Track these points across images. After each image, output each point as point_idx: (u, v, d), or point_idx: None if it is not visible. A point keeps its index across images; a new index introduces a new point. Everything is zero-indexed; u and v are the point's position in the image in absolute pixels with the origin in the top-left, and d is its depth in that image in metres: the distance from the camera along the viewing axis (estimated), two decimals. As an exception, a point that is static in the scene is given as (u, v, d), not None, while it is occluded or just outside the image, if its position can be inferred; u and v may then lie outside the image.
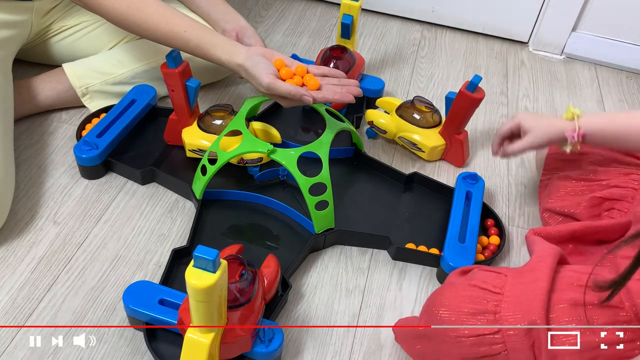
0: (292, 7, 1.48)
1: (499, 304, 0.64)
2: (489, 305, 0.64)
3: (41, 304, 0.78)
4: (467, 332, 0.64)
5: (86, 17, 1.06)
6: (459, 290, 0.67)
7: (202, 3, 1.06)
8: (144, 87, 1.04)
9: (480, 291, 0.66)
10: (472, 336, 0.63)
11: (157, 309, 0.71)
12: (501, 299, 0.65)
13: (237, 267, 0.66)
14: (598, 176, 0.85)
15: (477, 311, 0.64)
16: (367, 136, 1.10)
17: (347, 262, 0.88)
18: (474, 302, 0.65)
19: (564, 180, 0.88)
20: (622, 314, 0.62)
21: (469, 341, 0.64)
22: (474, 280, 0.68)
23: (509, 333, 0.62)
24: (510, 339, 0.62)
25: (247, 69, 0.80)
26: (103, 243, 0.86)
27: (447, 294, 0.68)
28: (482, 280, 0.67)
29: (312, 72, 0.83)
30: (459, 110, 0.97)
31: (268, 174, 0.95)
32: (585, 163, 0.87)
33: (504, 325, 0.62)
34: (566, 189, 0.87)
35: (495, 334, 0.63)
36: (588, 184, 0.85)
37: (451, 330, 0.64)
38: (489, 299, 0.65)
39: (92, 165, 0.93)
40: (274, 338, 0.69)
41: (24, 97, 1.01)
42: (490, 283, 0.67)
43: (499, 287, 0.66)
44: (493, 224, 0.91)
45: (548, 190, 0.90)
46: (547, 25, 1.37)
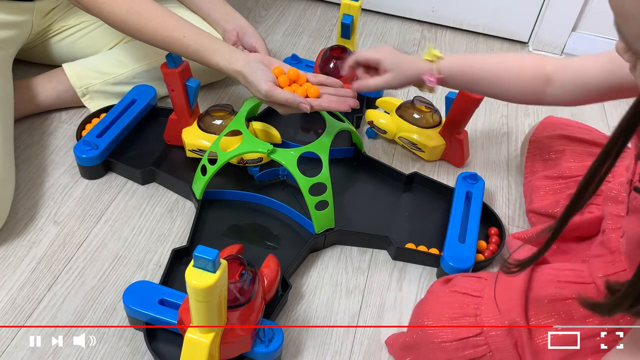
0: (292, 7, 1.48)
1: (479, 306, 0.65)
2: (469, 309, 0.66)
3: (41, 304, 0.78)
4: (450, 337, 0.65)
5: (86, 17, 1.06)
6: (440, 297, 0.69)
7: (202, 3, 1.06)
8: (144, 87, 1.04)
9: (460, 296, 0.68)
10: (455, 340, 0.64)
11: (157, 309, 0.71)
12: (481, 301, 0.66)
13: (237, 267, 0.66)
14: (574, 172, 0.86)
15: (458, 315, 0.66)
16: (367, 136, 1.10)
17: (347, 262, 0.88)
18: (455, 307, 0.66)
19: (542, 180, 0.89)
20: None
21: (453, 345, 0.65)
22: (455, 286, 0.70)
23: (491, 334, 0.63)
24: (492, 340, 0.63)
25: (246, 75, 0.81)
26: (103, 243, 0.86)
27: (430, 302, 0.70)
28: (462, 286, 0.69)
29: (310, 81, 0.84)
30: (459, 110, 0.97)
31: (268, 174, 0.95)
32: (562, 161, 0.89)
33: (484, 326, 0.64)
34: (545, 189, 0.88)
35: (477, 336, 0.64)
36: (565, 181, 0.86)
37: (435, 337, 0.66)
38: (469, 303, 0.66)
39: (92, 165, 0.93)
40: (274, 338, 0.69)
41: (24, 97, 1.01)
42: (470, 288, 0.68)
43: (479, 291, 0.68)
44: (497, 232, 0.91)
45: (529, 192, 0.91)
46: (547, 25, 1.37)
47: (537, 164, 0.93)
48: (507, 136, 1.15)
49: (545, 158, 0.92)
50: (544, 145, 0.93)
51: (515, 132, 1.16)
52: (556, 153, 0.90)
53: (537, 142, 0.95)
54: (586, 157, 0.87)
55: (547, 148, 0.92)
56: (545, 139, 0.94)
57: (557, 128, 0.94)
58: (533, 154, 0.94)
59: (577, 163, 0.87)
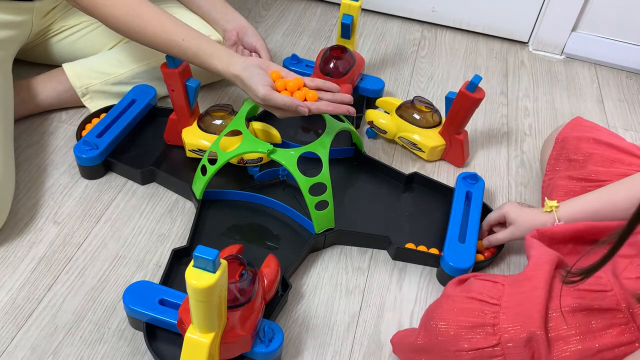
0: (292, 7, 1.48)
1: (497, 315, 0.64)
2: (486, 318, 0.64)
3: (41, 304, 0.78)
4: (466, 346, 0.63)
5: (86, 18, 1.06)
6: (456, 303, 0.67)
7: (202, 3, 1.06)
8: (144, 87, 1.04)
9: (477, 303, 0.66)
10: (472, 350, 0.63)
11: (157, 309, 0.71)
12: (499, 310, 0.64)
13: (237, 267, 0.66)
14: (600, 177, 0.84)
15: (476, 324, 0.64)
16: (367, 136, 1.09)
17: (347, 262, 0.88)
18: (472, 315, 0.65)
19: (565, 180, 0.88)
20: (619, 316, 0.62)
21: (469, 355, 0.63)
22: (471, 292, 0.67)
23: (509, 345, 0.62)
24: (510, 351, 0.62)
25: (244, 79, 0.81)
26: (103, 243, 0.86)
27: (445, 307, 0.67)
28: (479, 292, 0.67)
29: (307, 85, 0.84)
30: (459, 110, 0.97)
31: (268, 174, 0.95)
32: (589, 164, 0.87)
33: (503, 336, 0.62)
34: (567, 189, 0.87)
35: (494, 347, 0.62)
36: (589, 184, 0.85)
37: (450, 345, 0.64)
38: (486, 311, 0.64)
39: (92, 165, 0.93)
40: (274, 338, 0.69)
41: (24, 97, 1.01)
42: (487, 294, 0.66)
43: (497, 298, 0.66)
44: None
45: (550, 189, 0.90)
46: (547, 25, 1.37)
47: (561, 162, 0.91)
48: (507, 136, 1.15)
49: (571, 158, 0.90)
50: (571, 145, 0.91)
51: (515, 132, 1.16)
52: (583, 155, 0.88)
53: (564, 141, 0.92)
54: (614, 164, 0.85)
55: (574, 148, 0.90)
56: (574, 139, 0.91)
57: (586, 130, 0.91)
58: (558, 152, 0.92)
59: (605, 168, 0.85)
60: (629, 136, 1.19)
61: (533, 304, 0.63)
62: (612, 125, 1.21)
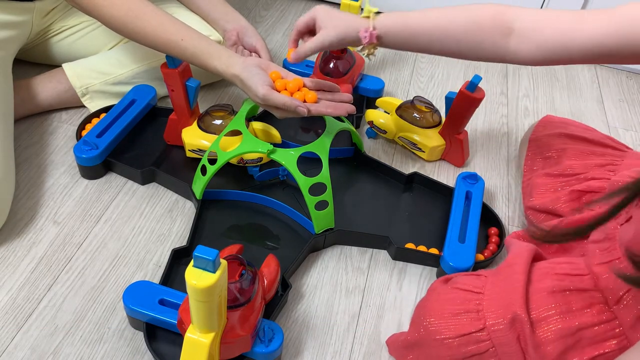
0: (292, 7, 1.48)
1: (481, 302, 0.66)
2: (471, 305, 0.66)
3: (41, 304, 0.78)
4: (452, 333, 0.65)
5: (86, 17, 1.06)
6: (441, 295, 0.69)
7: (202, 3, 1.06)
8: (144, 87, 1.04)
9: (462, 292, 0.68)
10: (458, 336, 0.65)
11: (157, 309, 0.71)
12: (482, 297, 0.66)
13: (237, 267, 0.66)
14: (575, 170, 0.86)
15: (461, 311, 0.66)
16: (367, 136, 1.10)
17: (347, 262, 0.88)
18: (457, 303, 0.67)
19: (543, 178, 0.90)
20: (597, 295, 0.64)
21: (456, 342, 0.65)
22: (456, 284, 0.70)
23: (493, 329, 0.63)
24: (495, 334, 0.63)
25: (243, 79, 0.81)
26: (103, 243, 0.86)
27: (431, 300, 0.70)
28: (463, 283, 0.69)
29: (308, 86, 0.84)
30: (459, 110, 0.97)
31: (268, 174, 0.95)
32: (564, 160, 0.89)
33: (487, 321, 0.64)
34: (546, 186, 0.88)
35: (480, 331, 0.64)
36: (566, 179, 0.86)
37: (437, 333, 0.66)
38: (470, 299, 0.66)
39: (92, 165, 0.93)
40: (274, 338, 0.69)
41: (24, 97, 1.01)
42: (471, 284, 0.68)
43: (480, 287, 0.68)
44: (497, 232, 0.91)
45: (529, 189, 0.91)
46: (547, 25, 1.37)
47: (537, 162, 0.93)
48: (507, 136, 1.15)
49: (545, 156, 0.92)
50: (544, 144, 0.93)
51: (515, 132, 1.16)
52: (557, 151, 0.90)
53: (537, 141, 0.95)
54: (588, 156, 0.87)
55: (547, 146, 0.92)
56: (545, 137, 0.94)
57: (557, 127, 0.94)
58: (533, 152, 0.94)
59: (579, 161, 0.87)
60: (629, 136, 1.19)
61: (514, 288, 0.65)
62: (612, 126, 1.21)
